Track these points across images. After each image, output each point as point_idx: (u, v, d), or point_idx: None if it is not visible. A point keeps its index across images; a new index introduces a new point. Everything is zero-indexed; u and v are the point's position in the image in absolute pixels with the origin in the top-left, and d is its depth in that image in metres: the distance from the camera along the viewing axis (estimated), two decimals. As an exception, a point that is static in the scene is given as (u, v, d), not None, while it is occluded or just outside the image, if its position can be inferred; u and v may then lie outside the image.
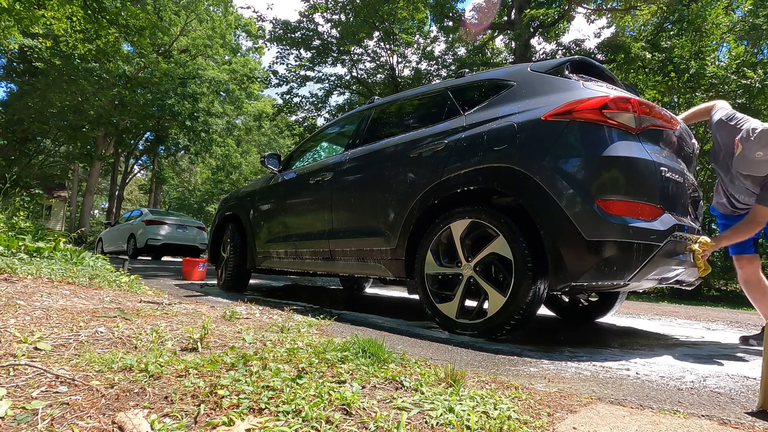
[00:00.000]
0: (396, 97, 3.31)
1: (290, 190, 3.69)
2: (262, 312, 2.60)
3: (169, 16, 20.21)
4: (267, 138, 31.98)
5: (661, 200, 2.03)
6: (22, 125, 20.22)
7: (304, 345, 1.58)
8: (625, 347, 2.29)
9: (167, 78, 19.75)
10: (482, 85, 2.66)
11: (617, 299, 3.12)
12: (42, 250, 3.96)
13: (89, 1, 9.88)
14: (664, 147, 2.21)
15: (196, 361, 1.27)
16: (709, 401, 1.33)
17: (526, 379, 1.47)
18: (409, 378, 1.25)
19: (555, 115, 2.10)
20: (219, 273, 4.36)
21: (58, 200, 27.36)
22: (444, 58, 15.47)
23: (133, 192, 39.35)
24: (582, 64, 2.42)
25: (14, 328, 1.51)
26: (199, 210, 37.04)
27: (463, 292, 2.28)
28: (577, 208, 1.94)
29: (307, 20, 15.32)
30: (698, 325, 3.49)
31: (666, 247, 1.98)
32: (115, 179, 25.70)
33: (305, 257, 3.42)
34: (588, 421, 1.05)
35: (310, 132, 16.05)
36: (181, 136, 24.47)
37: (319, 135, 4.13)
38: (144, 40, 11.60)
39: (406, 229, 2.58)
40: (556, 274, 1.99)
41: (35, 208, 19.77)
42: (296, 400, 1.00)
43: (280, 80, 16.76)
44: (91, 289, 2.69)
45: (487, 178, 2.24)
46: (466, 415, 0.98)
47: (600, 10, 13.20)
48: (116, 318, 1.85)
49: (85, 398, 0.99)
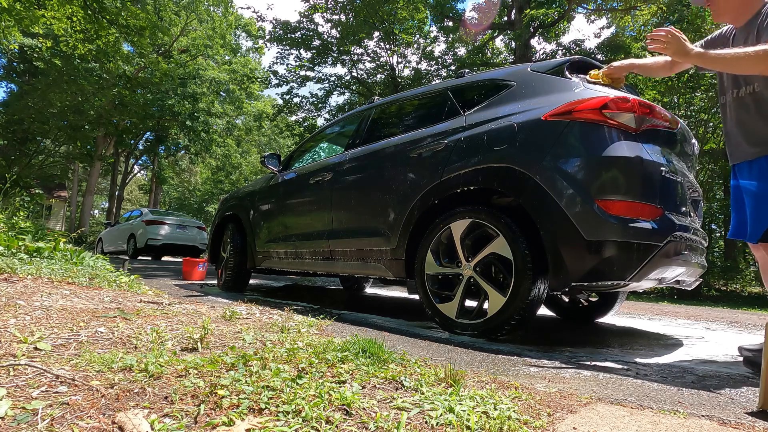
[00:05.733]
0: (396, 97, 3.31)
1: (290, 190, 3.69)
2: (262, 312, 2.60)
3: (169, 16, 20.20)
4: (267, 138, 31.98)
5: (661, 200, 2.02)
6: (22, 125, 20.22)
7: (304, 345, 1.58)
8: (625, 347, 2.29)
9: (167, 78, 19.74)
10: (482, 85, 2.66)
11: (617, 299, 3.12)
12: (42, 250, 3.96)
13: (89, 1, 9.88)
14: (664, 147, 2.21)
15: (196, 361, 1.27)
16: (709, 401, 1.33)
17: (526, 379, 1.47)
18: (409, 378, 1.25)
19: (555, 115, 2.10)
20: (219, 273, 4.36)
21: (58, 200, 27.35)
22: (444, 58, 15.49)
23: (133, 192, 39.34)
24: (582, 65, 2.42)
25: (14, 328, 1.51)
26: (199, 210, 37.03)
27: (463, 292, 2.28)
28: (577, 208, 1.94)
29: (307, 20, 15.33)
30: (698, 325, 3.49)
31: (666, 247, 1.98)
32: (115, 179, 25.69)
33: (305, 257, 3.42)
34: (588, 421, 1.05)
35: (310, 132, 16.05)
36: (181, 136, 24.46)
37: (319, 135, 4.13)
38: (144, 40, 11.61)
39: (406, 229, 2.58)
40: (556, 274, 1.99)
41: (35, 208, 19.77)
42: (296, 400, 0.99)
43: (280, 80, 16.78)
44: (91, 289, 2.69)
45: (487, 178, 2.24)
46: (466, 415, 0.98)
47: (600, 10, 13.21)
48: (116, 318, 1.85)
49: (85, 398, 0.99)
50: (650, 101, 2.20)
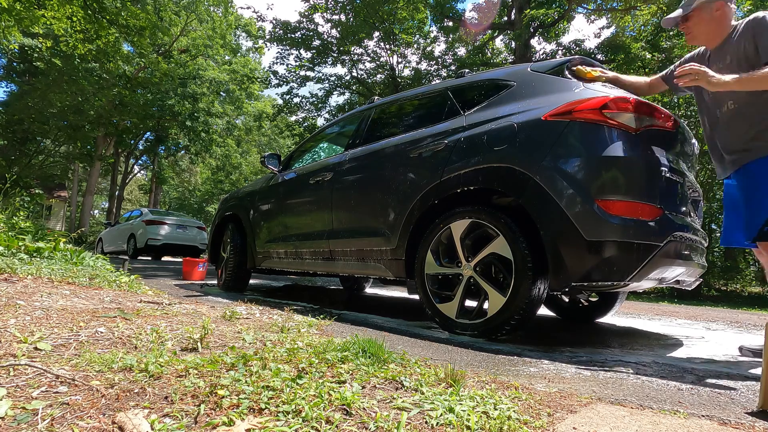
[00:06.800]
0: (396, 97, 3.31)
1: (290, 190, 3.69)
2: (262, 312, 2.60)
3: (169, 17, 20.20)
4: (267, 138, 31.98)
5: (661, 200, 2.02)
6: (22, 125, 20.22)
7: (304, 345, 1.58)
8: (625, 347, 2.29)
9: (167, 78, 19.75)
10: (482, 85, 2.66)
11: (617, 299, 3.12)
12: (42, 250, 3.96)
13: (89, 1, 9.88)
14: (664, 147, 2.21)
15: (196, 361, 1.27)
16: (709, 401, 1.33)
17: (526, 379, 1.47)
18: (409, 378, 1.25)
19: (555, 115, 2.10)
20: (219, 273, 4.36)
21: (58, 200, 27.33)
22: (444, 58, 15.48)
23: (133, 192, 39.33)
24: (582, 65, 2.42)
25: (14, 328, 1.51)
26: (199, 210, 37.03)
27: (463, 292, 2.28)
28: (578, 208, 1.94)
29: (307, 20, 15.33)
30: (698, 325, 3.49)
31: (666, 247, 1.98)
32: (115, 179, 25.69)
33: (305, 257, 3.42)
34: (588, 422, 1.05)
35: (310, 132, 16.05)
36: (181, 136, 24.46)
37: (319, 135, 4.13)
38: (144, 41, 11.60)
39: (406, 229, 2.58)
40: (556, 274, 1.99)
41: (35, 208, 19.78)
42: (296, 400, 0.99)
43: (280, 80, 16.77)
44: (91, 289, 2.69)
45: (487, 178, 2.24)
46: (466, 415, 0.98)
47: (600, 10, 13.21)
48: (116, 318, 1.85)
49: (85, 398, 0.99)
50: (650, 101, 2.20)
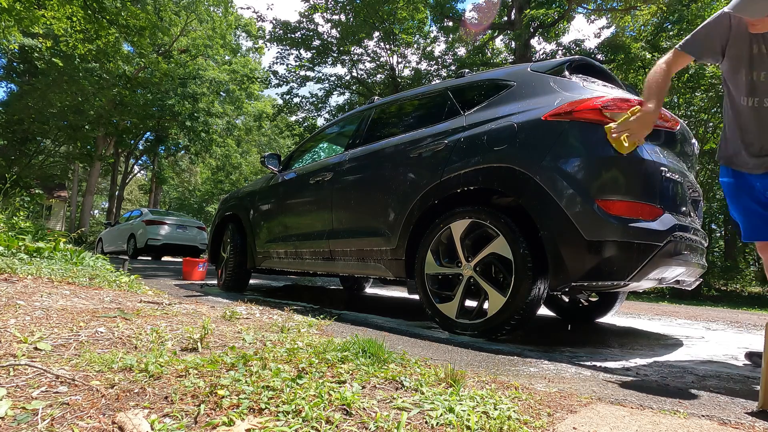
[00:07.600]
0: (396, 97, 3.31)
1: (290, 190, 3.69)
2: (262, 312, 2.60)
3: (169, 17, 20.19)
4: (267, 138, 31.97)
5: (661, 200, 2.03)
6: (22, 125, 20.21)
7: (304, 345, 1.58)
8: (625, 347, 2.29)
9: (167, 78, 19.74)
10: (482, 85, 2.66)
11: (617, 299, 3.12)
12: (42, 250, 3.96)
13: (89, 1, 9.88)
14: (664, 147, 2.21)
15: (196, 361, 1.27)
16: (709, 401, 1.33)
17: (526, 379, 1.46)
18: (409, 378, 1.25)
19: (555, 115, 2.10)
20: (219, 273, 4.36)
21: (58, 200, 27.33)
22: (444, 58, 15.48)
23: (133, 192, 39.32)
24: (582, 65, 2.42)
25: (14, 328, 1.51)
26: (199, 210, 37.02)
27: (463, 292, 2.28)
28: (578, 208, 1.94)
29: (307, 20, 15.33)
30: (698, 325, 3.49)
31: (666, 247, 1.98)
32: (115, 179, 25.68)
33: (305, 257, 3.42)
34: (588, 422, 1.05)
35: (310, 132, 16.05)
36: (181, 136, 24.46)
37: (319, 135, 4.13)
38: (144, 41, 11.60)
39: (406, 229, 2.58)
40: (556, 274, 1.99)
41: (35, 208, 19.77)
42: (296, 400, 0.99)
43: (280, 80, 16.77)
44: (91, 289, 2.69)
45: (487, 179, 2.24)
46: (466, 415, 0.98)
47: (600, 10, 13.21)
48: (116, 318, 1.85)
49: (85, 398, 0.99)
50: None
